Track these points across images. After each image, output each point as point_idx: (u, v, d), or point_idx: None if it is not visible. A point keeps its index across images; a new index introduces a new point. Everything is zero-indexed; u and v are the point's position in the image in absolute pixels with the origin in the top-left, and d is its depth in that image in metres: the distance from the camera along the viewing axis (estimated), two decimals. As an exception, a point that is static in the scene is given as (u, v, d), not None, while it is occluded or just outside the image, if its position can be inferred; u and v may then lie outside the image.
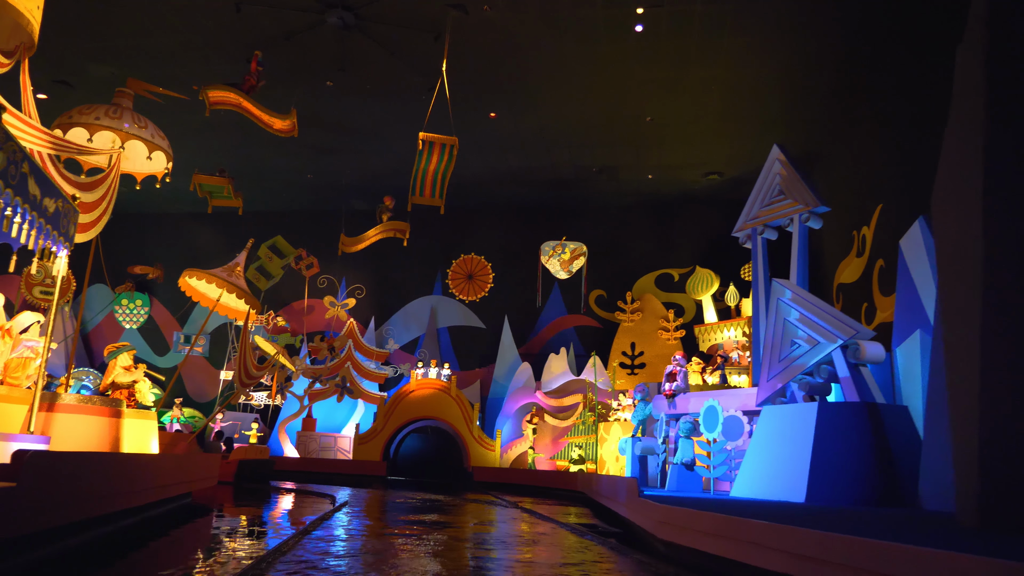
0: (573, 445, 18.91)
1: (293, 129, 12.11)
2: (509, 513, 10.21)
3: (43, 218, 4.62)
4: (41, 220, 4.59)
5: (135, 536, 5.11)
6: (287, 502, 11.01)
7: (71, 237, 5.24)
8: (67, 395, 5.28)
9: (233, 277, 9.48)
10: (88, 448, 5.16)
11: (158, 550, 4.82)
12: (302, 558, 4.80)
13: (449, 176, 12.79)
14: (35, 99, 7.83)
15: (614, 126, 18.30)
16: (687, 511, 4.46)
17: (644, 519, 5.80)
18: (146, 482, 5.36)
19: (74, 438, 5.12)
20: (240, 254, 10.59)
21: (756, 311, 11.54)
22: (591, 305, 23.06)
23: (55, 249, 4.98)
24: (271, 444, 21.46)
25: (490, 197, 23.36)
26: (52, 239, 4.88)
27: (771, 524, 3.38)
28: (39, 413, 5.24)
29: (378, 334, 24.03)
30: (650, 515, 5.43)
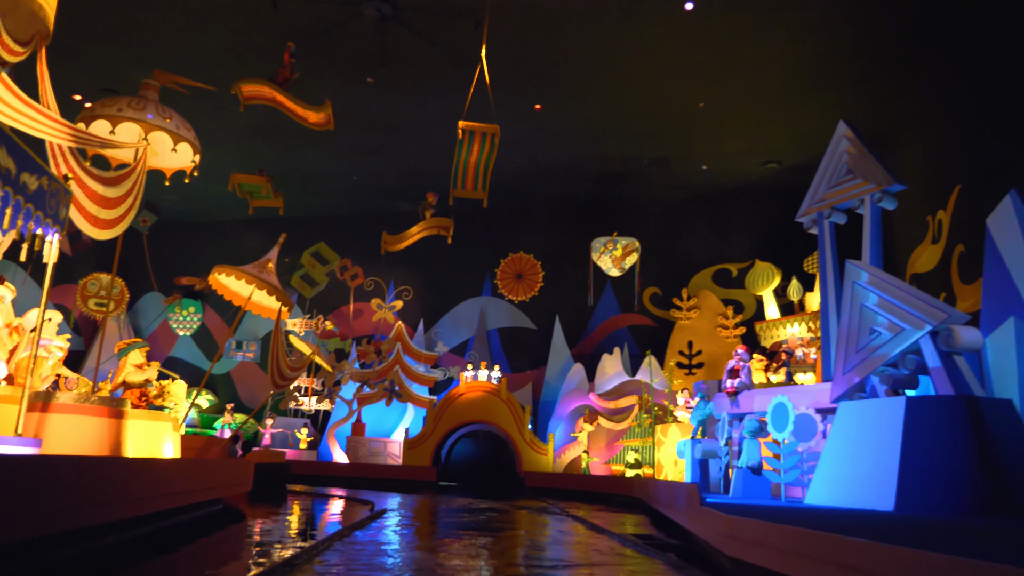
0: (629, 449, 18.10)
1: (328, 122, 11.70)
2: (561, 523, 9.53)
3: (20, 195, 4.18)
4: (19, 197, 4.15)
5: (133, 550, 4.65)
6: (320, 510, 10.54)
7: (62, 220, 4.80)
8: (63, 395, 4.85)
9: (264, 274, 9.06)
10: (85, 452, 4.73)
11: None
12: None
13: (491, 167, 12.21)
14: (53, 90, 7.52)
15: (665, 114, 17.47)
16: (760, 524, 3.74)
17: (708, 531, 5.08)
18: (152, 489, 4.88)
19: (70, 441, 4.69)
20: (272, 250, 10.19)
21: (825, 301, 10.62)
22: (645, 303, 22.19)
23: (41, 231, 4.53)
24: (321, 450, 21.21)
25: (537, 193, 22.73)
26: (36, 221, 4.44)
27: (875, 543, 2.65)
28: (33, 414, 4.82)
29: (427, 337, 23.62)
30: (715, 527, 4.71)
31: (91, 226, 7.95)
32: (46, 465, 4.00)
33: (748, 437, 8.50)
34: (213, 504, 7.63)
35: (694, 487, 5.85)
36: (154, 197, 21.67)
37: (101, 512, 4.45)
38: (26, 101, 6.97)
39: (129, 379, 6.27)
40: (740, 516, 4.18)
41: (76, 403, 4.81)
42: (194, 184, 22.64)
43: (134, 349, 6.46)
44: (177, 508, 5.99)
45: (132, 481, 4.73)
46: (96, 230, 8.01)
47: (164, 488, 5.16)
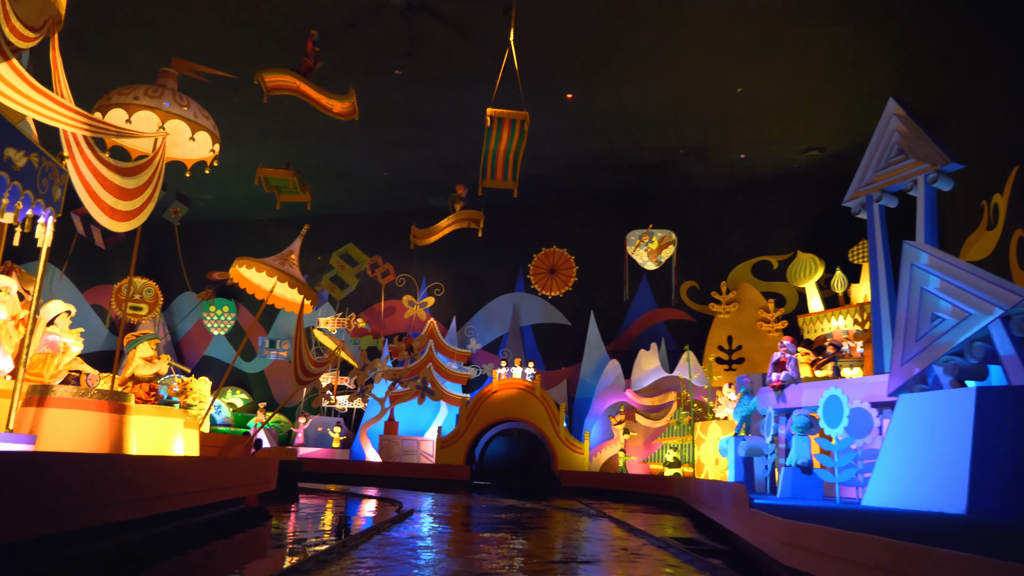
0: (667, 447, 17.55)
1: (353, 111, 11.40)
2: (597, 525, 9.09)
3: (5, 172, 3.88)
4: (3, 174, 3.85)
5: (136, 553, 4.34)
6: (343, 510, 10.24)
7: (56, 201, 4.50)
8: (60, 388, 4.55)
9: (286, 266, 8.76)
10: (83, 449, 4.43)
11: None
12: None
13: (521, 155, 11.79)
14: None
15: (701, 101, 16.86)
16: (828, 531, 3.26)
17: (760, 536, 4.60)
18: (159, 488, 4.57)
19: (67, 437, 4.40)
20: (295, 241, 9.90)
21: (876, 288, 10.01)
22: (682, 297, 21.56)
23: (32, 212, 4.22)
24: (354, 448, 21.01)
25: (570, 186, 22.24)
26: (26, 201, 4.14)
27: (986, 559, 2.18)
28: (29, 409, 4.54)
29: (460, 334, 23.29)
30: (770, 532, 4.23)
31: (108, 218, 7.71)
32: (36, 463, 3.68)
33: (797, 434, 7.96)
34: (234, 504, 7.34)
35: (742, 488, 5.37)
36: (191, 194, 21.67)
37: (102, 513, 4.14)
38: (38, 88, 6.73)
39: (138, 373, 6.00)
40: (800, 521, 3.70)
41: (74, 397, 4.52)
42: (226, 183, 22.80)
43: (143, 341, 6.19)
44: (192, 509, 5.69)
45: (135, 480, 4.41)
46: (114, 222, 7.77)
47: (173, 488, 4.86)
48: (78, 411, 4.49)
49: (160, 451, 5.52)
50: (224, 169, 21.22)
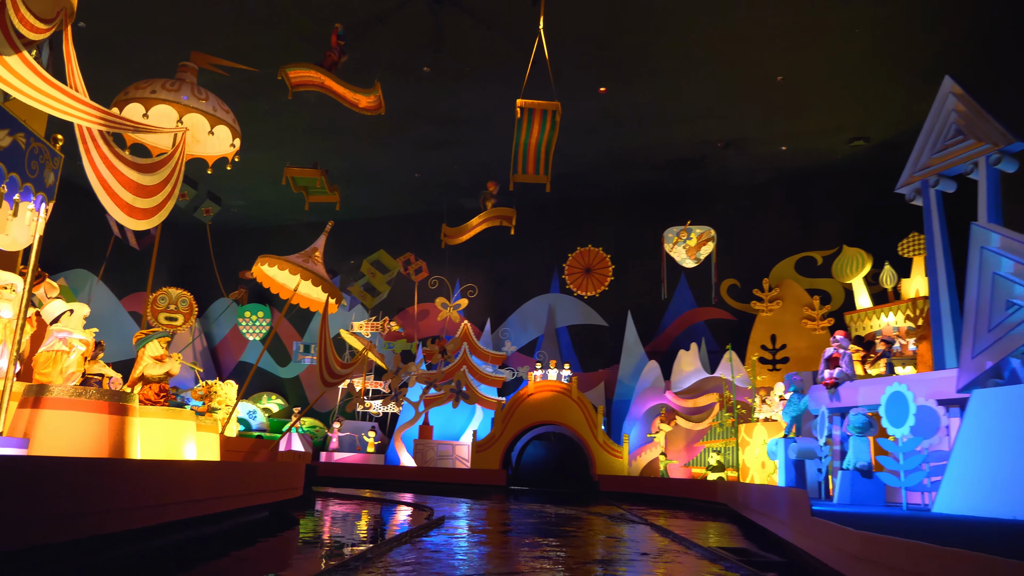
0: (710, 450, 16.92)
1: (379, 106, 11.10)
2: (640, 532, 8.60)
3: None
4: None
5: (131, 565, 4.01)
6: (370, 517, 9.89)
7: (49, 187, 4.21)
8: (57, 387, 4.26)
9: (310, 263, 8.47)
10: (80, 453, 4.12)
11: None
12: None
13: (553, 148, 11.36)
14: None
15: (740, 92, 16.26)
16: (917, 546, 2.77)
17: (824, 549, 4.10)
18: (165, 496, 4.25)
19: (64, 440, 4.09)
20: (320, 238, 9.61)
21: (934, 279, 9.36)
22: (723, 296, 20.87)
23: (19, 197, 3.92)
24: (388, 453, 20.75)
25: (604, 183, 21.73)
26: (12, 185, 3.84)
27: None
28: (24, 411, 4.25)
29: (494, 336, 22.91)
30: (837, 544, 3.74)
31: (127, 215, 7.48)
32: (26, 467, 3.36)
33: (854, 435, 7.38)
34: (256, 511, 7.03)
35: (802, 494, 4.86)
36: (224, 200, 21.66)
37: (102, 522, 3.81)
38: (51, 82, 6.50)
39: (148, 373, 5.71)
40: (874, 531, 3.21)
41: (71, 398, 4.22)
42: (257, 188, 22.76)
43: (153, 339, 5.90)
44: (207, 517, 5.36)
45: (138, 487, 4.09)
46: (132, 220, 7.54)
47: (182, 495, 4.54)
48: (75, 412, 4.19)
49: (169, 456, 5.21)
50: (255, 174, 21.27)
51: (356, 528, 8.06)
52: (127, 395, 4.48)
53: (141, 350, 5.82)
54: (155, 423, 5.16)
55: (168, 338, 6.05)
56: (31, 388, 4.28)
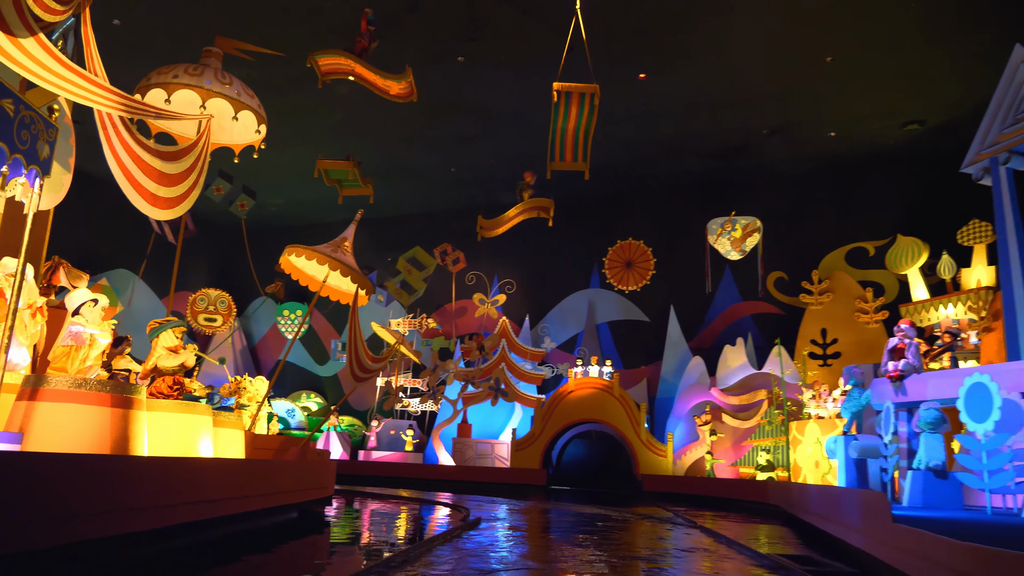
0: (759, 449, 16.26)
1: (411, 93, 10.75)
2: (690, 537, 8.09)
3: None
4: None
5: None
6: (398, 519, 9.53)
7: (43, 161, 3.90)
8: (54, 378, 3.95)
9: (339, 253, 8.13)
10: (79, 448, 3.80)
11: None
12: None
13: (592, 133, 10.88)
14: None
15: (786, 75, 15.56)
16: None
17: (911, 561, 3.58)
18: (174, 496, 3.92)
19: (61, 435, 3.77)
20: (349, 227, 9.29)
21: (1006, 262, 8.67)
22: (770, 289, 20.09)
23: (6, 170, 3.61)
24: (427, 452, 20.46)
25: (644, 174, 21.11)
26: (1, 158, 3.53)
27: None
28: (21, 403, 3.95)
29: (533, 333, 22.47)
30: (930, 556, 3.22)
31: (150, 205, 7.24)
32: (16, 464, 3.04)
33: (926, 431, 6.78)
34: (283, 512, 6.71)
35: (880, 497, 4.32)
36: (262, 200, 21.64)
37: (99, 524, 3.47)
38: (68, 65, 6.26)
39: (161, 364, 5.40)
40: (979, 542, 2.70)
41: (69, 389, 3.91)
42: (294, 186, 22.65)
43: (167, 329, 5.60)
44: (226, 517, 5.04)
45: (143, 486, 3.76)
46: (156, 209, 7.30)
47: (193, 495, 4.21)
48: (74, 405, 3.88)
49: (182, 453, 4.90)
50: (290, 172, 21.17)
51: (386, 530, 7.70)
52: (132, 387, 4.16)
53: (154, 340, 5.53)
54: (166, 418, 4.86)
55: (183, 328, 5.74)
56: (28, 379, 3.99)
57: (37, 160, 3.77)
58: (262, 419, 8.75)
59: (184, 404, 5.10)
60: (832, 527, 6.10)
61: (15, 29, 5.95)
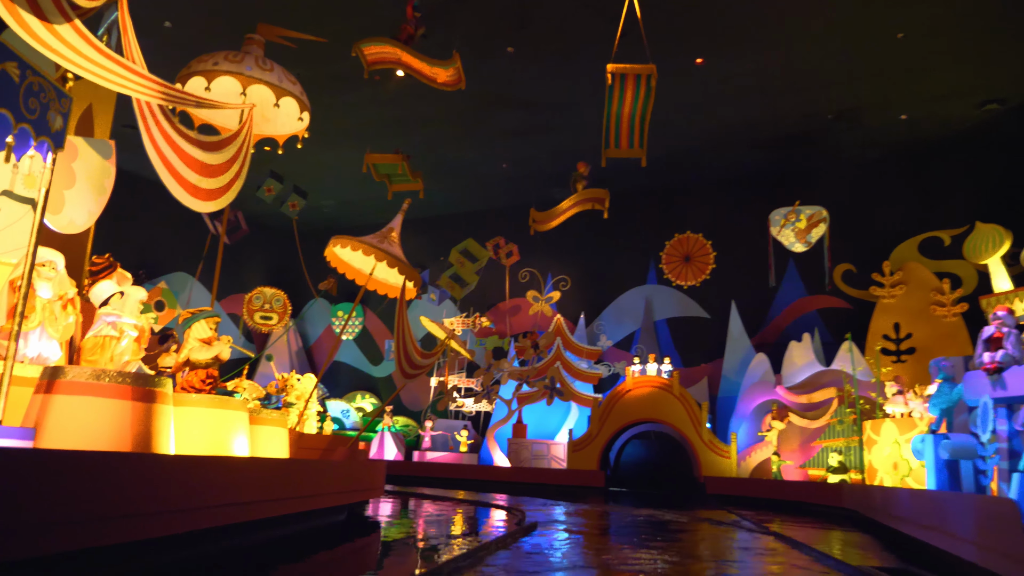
0: (830, 450, 15.41)
1: (459, 80, 10.39)
2: (762, 544, 7.50)
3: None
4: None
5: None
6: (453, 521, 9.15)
7: (55, 133, 3.61)
8: (72, 370, 3.67)
9: (386, 244, 7.81)
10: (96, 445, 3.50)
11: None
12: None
13: (649, 117, 10.34)
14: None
15: (853, 55, 14.74)
16: None
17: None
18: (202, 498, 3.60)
19: (76, 431, 3.48)
20: (396, 217, 8.96)
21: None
22: (837, 282, 19.08)
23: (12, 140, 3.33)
24: (482, 453, 20.13)
25: (702, 164, 20.37)
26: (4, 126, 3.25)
27: None
28: (36, 396, 3.68)
29: (589, 331, 21.93)
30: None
31: (191, 196, 7.01)
32: (24, 462, 2.74)
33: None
34: (331, 514, 6.39)
35: (1008, 504, 3.73)
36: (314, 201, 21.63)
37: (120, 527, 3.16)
38: (105, 53, 6.04)
39: (194, 357, 5.12)
40: None
41: (87, 381, 3.63)
42: (345, 186, 22.61)
43: (200, 320, 5.32)
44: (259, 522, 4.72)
45: (166, 487, 3.44)
46: (197, 201, 7.06)
47: (224, 496, 3.89)
48: (92, 398, 3.58)
49: (214, 451, 4.60)
50: (341, 172, 21.12)
51: (437, 534, 7.33)
52: (155, 379, 3.87)
53: (187, 332, 5.26)
54: (196, 413, 4.55)
55: (217, 318, 5.46)
56: (45, 371, 3.73)
57: (48, 131, 3.50)
58: (311, 418, 8.49)
59: (217, 399, 4.80)
60: (934, 537, 5.47)
61: (49, 15, 5.77)
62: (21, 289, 3.29)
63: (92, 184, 6.59)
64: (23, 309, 3.31)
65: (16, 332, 3.35)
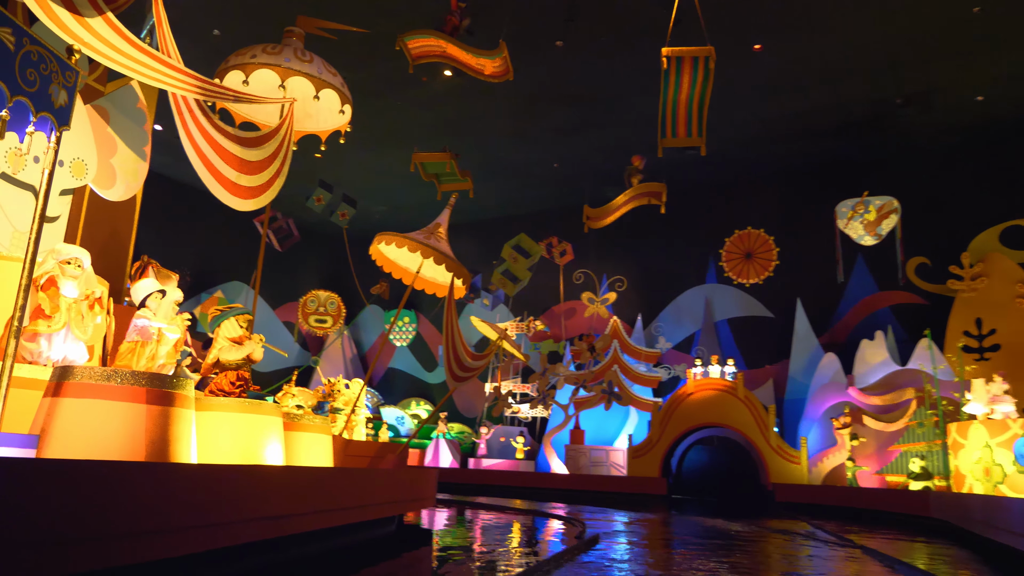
0: (911, 455, 14.46)
1: (507, 71, 9.97)
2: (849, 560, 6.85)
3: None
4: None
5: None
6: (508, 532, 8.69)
7: (59, 109, 3.30)
8: (81, 370, 3.34)
9: (433, 240, 7.44)
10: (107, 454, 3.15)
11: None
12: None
13: (708, 102, 9.74)
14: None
15: (923, 32, 13.83)
16: None
17: None
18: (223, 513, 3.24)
19: (84, 437, 3.13)
20: (444, 212, 8.58)
21: None
22: (910, 276, 17.99)
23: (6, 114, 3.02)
24: (538, 460, 19.64)
25: (762, 156, 19.50)
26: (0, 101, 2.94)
27: None
28: (44, 400, 3.36)
29: (647, 332, 21.25)
30: None
31: (230, 194, 6.76)
32: (24, 474, 2.41)
33: None
34: (378, 526, 6.01)
35: None
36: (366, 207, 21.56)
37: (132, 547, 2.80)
38: (139, 46, 5.83)
39: (224, 358, 4.77)
40: None
41: (96, 383, 3.29)
42: (396, 191, 22.45)
43: (228, 318, 4.97)
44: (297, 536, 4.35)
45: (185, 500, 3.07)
46: (237, 199, 6.81)
47: (254, 510, 3.52)
48: (101, 401, 3.24)
49: (243, 460, 4.24)
50: (392, 176, 20.95)
51: (492, 548, 6.88)
52: (173, 380, 3.52)
53: (216, 330, 4.94)
54: (224, 419, 4.20)
55: (249, 316, 5.13)
56: (55, 371, 3.42)
57: (50, 107, 3.19)
58: (360, 424, 8.15)
59: (247, 403, 4.45)
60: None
61: (81, 8, 5.57)
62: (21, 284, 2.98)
63: (132, 140, 6.42)
64: (24, 303, 3.01)
65: (17, 329, 3.04)
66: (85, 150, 6.05)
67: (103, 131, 6.49)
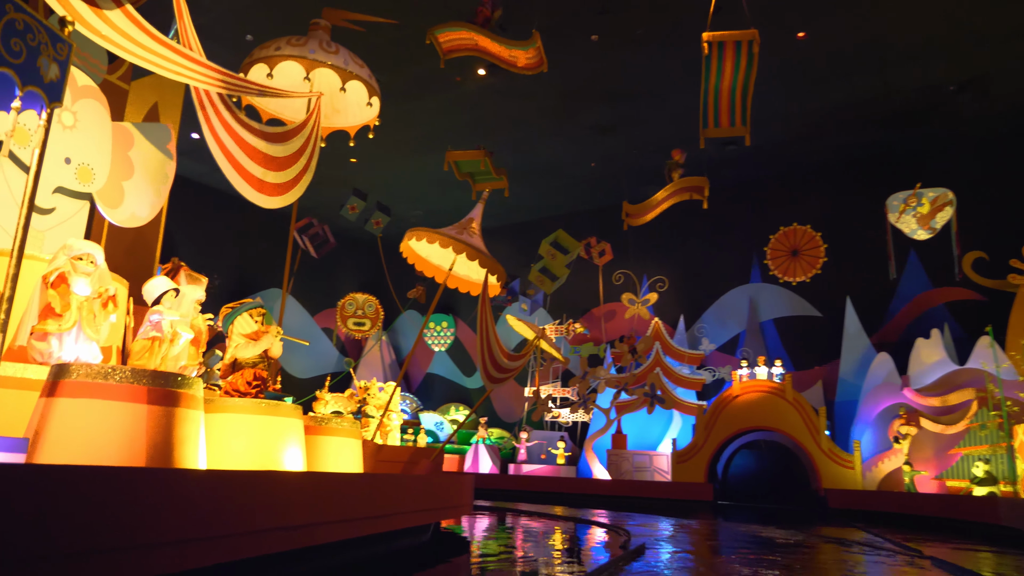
0: (973, 458, 13.71)
1: (540, 63, 9.66)
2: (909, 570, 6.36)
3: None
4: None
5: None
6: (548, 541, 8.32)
7: (51, 84, 3.06)
8: (78, 368, 3.09)
9: (465, 235, 7.15)
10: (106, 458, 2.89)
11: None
12: None
13: (751, 88, 9.30)
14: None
15: (978, 16, 13.14)
16: None
17: None
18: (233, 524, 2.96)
19: (79, 441, 2.89)
20: (476, 207, 8.28)
21: None
22: (967, 271, 17.16)
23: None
24: (580, 465, 19.22)
25: (807, 149, 18.85)
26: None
27: None
28: (41, 401, 3.12)
29: (689, 334, 20.71)
30: None
31: (256, 192, 6.57)
32: (9, 481, 2.16)
33: None
34: (410, 535, 5.71)
35: None
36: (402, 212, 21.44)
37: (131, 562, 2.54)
38: (160, 39, 5.66)
39: (240, 356, 4.51)
40: None
41: (92, 381, 3.04)
42: (431, 194, 22.27)
43: (241, 313, 4.70)
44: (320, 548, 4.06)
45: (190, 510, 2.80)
46: (263, 196, 6.61)
47: (270, 520, 3.24)
48: (97, 401, 2.99)
49: (259, 465, 3.97)
50: (427, 180, 20.78)
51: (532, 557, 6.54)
52: (178, 379, 3.26)
53: (230, 328, 4.68)
54: (239, 421, 3.94)
55: (263, 309, 4.86)
56: (51, 370, 3.19)
57: (39, 81, 2.96)
58: (394, 429, 7.89)
59: (263, 404, 4.18)
60: None
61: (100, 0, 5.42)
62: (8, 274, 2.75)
63: (152, 173, 6.21)
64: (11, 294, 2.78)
65: (4, 321, 2.81)
66: (97, 159, 5.88)
67: (123, 152, 6.33)
